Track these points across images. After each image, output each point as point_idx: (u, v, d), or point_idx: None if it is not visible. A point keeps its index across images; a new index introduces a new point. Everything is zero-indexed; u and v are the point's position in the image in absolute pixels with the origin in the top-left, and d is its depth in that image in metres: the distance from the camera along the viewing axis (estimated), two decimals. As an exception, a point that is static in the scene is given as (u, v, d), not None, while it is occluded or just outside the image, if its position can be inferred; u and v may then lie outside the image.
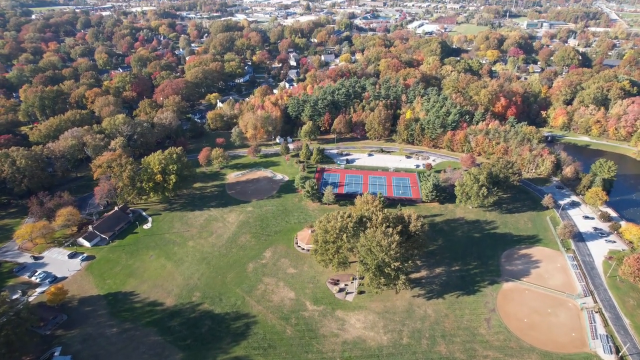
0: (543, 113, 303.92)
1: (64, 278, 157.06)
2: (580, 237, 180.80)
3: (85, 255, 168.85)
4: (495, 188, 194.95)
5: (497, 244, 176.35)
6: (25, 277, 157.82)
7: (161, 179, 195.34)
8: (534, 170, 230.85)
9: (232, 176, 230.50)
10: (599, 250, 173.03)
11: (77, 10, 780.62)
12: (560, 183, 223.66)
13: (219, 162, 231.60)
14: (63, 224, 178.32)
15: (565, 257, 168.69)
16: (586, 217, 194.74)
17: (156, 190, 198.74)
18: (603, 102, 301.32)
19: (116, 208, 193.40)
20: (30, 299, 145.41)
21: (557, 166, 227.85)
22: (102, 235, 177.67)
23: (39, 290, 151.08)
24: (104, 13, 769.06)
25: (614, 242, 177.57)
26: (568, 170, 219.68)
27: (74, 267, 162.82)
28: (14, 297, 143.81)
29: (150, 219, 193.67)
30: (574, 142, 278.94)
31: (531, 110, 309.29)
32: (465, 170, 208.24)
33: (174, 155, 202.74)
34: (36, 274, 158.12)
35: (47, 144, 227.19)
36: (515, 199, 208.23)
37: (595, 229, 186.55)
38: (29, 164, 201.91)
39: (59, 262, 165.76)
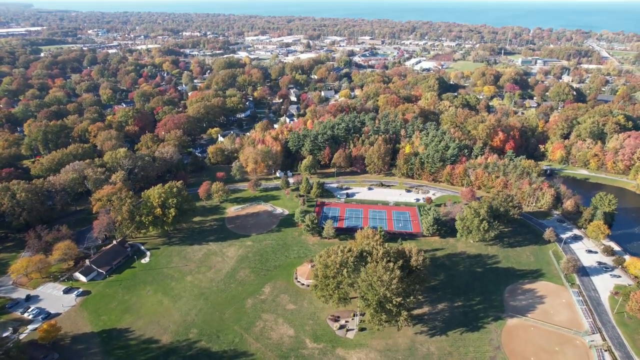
0: (541, 147, 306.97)
1: (58, 314, 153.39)
2: (584, 272, 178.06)
3: (80, 290, 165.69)
4: (496, 222, 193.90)
5: (500, 279, 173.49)
6: (17, 314, 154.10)
7: (161, 212, 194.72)
8: (534, 204, 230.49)
9: (231, 210, 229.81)
10: (604, 285, 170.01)
11: (84, 48, 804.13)
12: (561, 216, 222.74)
13: (219, 195, 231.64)
14: (60, 258, 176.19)
15: (570, 293, 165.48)
16: (589, 251, 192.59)
17: (155, 224, 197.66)
18: (599, 136, 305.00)
19: (114, 242, 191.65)
20: (22, 336, 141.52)
21: (558, 199, 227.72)
22: (99, 269, 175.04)
23: (30, 327, 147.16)
24: (110, 51, 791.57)
25: (619, 276, 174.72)
26: (568, 204, 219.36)
27: (68, 302, 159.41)
28: (4, 334, 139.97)
29: (148, 253, 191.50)
30: (573, 175, 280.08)
31: (529, 144, 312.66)
32: (466, 204, 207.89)
33: (174, 189, 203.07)
34: (29, 310, 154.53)
35: (48, 177, 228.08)
36: (516, 233, 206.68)
37: (599, 263, 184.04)
38: (29, 197, 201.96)
39: (54, 297, 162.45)
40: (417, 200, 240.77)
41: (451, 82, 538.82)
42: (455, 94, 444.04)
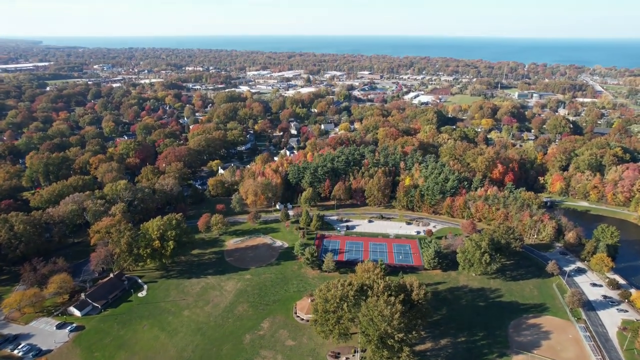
0: (540, 179, 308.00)
1: (49, 351, 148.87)
2: (590, 306, 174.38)
3: (74, 325, 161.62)
4: (498, 254, 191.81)
5: (504, 313, 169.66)
6: (7, 351, 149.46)
7: (159, 245, 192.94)
8: (535, 236, 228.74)
9: (231, 243, 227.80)
10: (611, 320, 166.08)
11: (89, 83, 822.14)
12: (563, 249, 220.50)
13: (218, 228, 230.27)
14: (55, 292, 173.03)
15: (577, 328, 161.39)
16: (594, 285, 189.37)
17: (153, 257, 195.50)
18: (598, 168, 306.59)
19: (111, 275, 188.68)
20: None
21: (559, 232, 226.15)
22: (94, 303, 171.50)
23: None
24: (114, 85, 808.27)
25: (626, 311, 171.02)
26: (570, 236, 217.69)
27: (61, 338, 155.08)
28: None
29: (145, 286, 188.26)
30: (574, 207, 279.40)
31: (528, 176, 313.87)
32: (467, 237, 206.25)
33: (173, 221, 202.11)
34: (19, 346, 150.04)
35: (47, 209, 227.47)
36: (518, 266, 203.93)
37: (605, 297, 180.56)
38: (27, 229, 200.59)
39: (46, 333, 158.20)
40: (418, 232, 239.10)
41: (449, 116, 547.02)
42: (454, 127, 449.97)
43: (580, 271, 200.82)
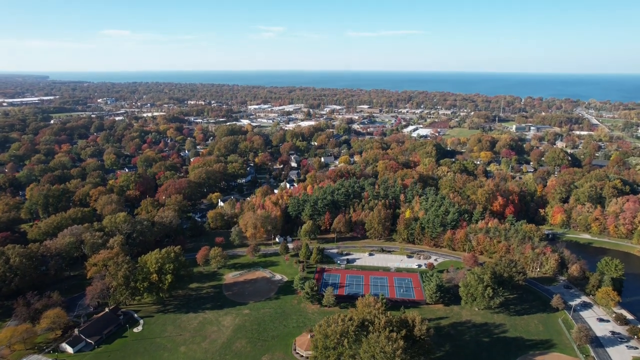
0: (541, 211, 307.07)
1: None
2: (598, 343, 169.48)
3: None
4: (501, 288, 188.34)
5: (510, 350, 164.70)
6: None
7: (157, 278, 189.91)
8: (538, 269, 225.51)
9: (229, 276, 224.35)
10: (621, 357, 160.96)
11: (92, 116, 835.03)
12: (567, 282, 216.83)
13: (217, 261, 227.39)
14: (47, 327, 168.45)
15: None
16: (601, 320, 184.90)
17: (151, 291, 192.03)
18: (598, 200, 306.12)
19: (107, 309, 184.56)
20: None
21: (562, 265, 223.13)
22: (87, 339, 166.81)
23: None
24: (117, 118, 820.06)
25: (636, 348, 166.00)
26: (574, 269, 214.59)
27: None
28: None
29: (141, 321, 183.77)
30: (576, 239, 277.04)
31: (529, 208, 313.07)
32: (469, 270, 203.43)
33: (172, 254, 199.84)
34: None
35: (44, 241, 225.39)
36: (522, 300, 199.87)
37: (613, 333, 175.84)
38: (23, 262, 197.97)
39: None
40: (419, 266, 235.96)
41: (448, 148, 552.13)
42: (453, 159, 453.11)
43: (585, 305, 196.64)
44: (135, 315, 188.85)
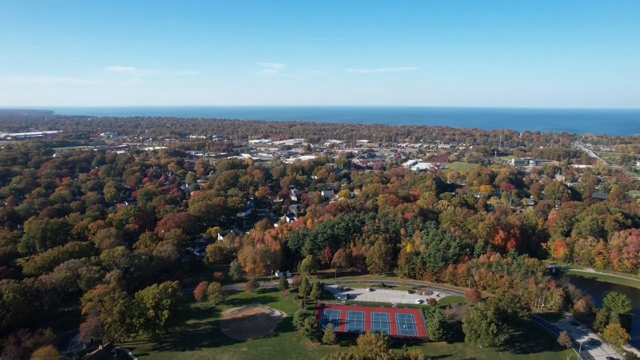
0: (543, 245, 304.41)
1: None
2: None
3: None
4: (505, 324, 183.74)
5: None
6: None
7: (153, 314, 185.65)
8: (543, 305, 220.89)
9: (227, 312, 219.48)
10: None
11: (94, 150, 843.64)
12: (573, 319, 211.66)
13: (215, 297, 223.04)
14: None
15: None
16: (611, 359, 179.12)
17: (147, 327, 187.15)
18: (601, 234, 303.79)
19: (100, 347, 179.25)
20: None
21: (567, 300, 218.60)
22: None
23: None
24: (119, 152, 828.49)
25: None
26: (580, 305, 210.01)
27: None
28: None
29: (136, 359, 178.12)
30: (580, 274, 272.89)
31: (530, 242, 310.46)
32: (472, 306, 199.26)
33: (169, 289, 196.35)
34: None
35: (40, 276, 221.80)
36: (528, 337, 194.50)
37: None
38: (17, 298, 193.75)
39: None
40: (421, 301, 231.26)
41: (448, 182, 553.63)
42: (453, 193, 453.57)
43: (594, 343, 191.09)
44: (130, 353, 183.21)
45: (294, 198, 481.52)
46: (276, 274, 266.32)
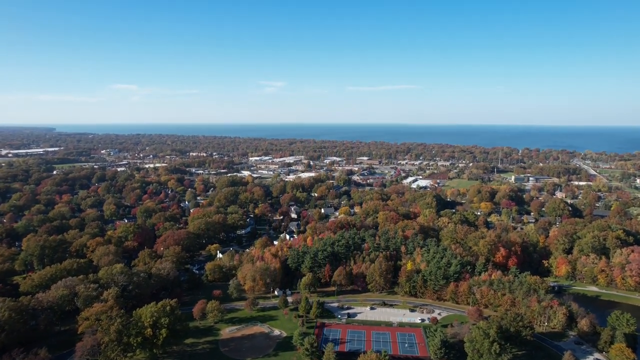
0: (544, 262, 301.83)
1: None
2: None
3: None
4: (508, 344, 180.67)
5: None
6: None
7: (151, 333, 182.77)
8: (546, 324, 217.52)
9: (226, 331, 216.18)
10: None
11: (95, 167, 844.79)
12: (577, 338, 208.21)
13: (214, 315, 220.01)
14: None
15: None
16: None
17: (144, 347, 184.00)
18: (602, 251, 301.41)
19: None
20: None
21: (571, 319, 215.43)
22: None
23: None
24: (119, 169, 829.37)
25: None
26: (584, 324, 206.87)
27: None
28: None
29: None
30: (583, 292, 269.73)
31: (532, 259, 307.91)
32: (474, 324, 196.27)
33: (168, 308, 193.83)
34: None
35: (37, 294, 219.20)
36: (531, 357, 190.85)
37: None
38: (12, 316, 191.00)
39: None
40: (422, 320, 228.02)
41: (448, 199, 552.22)
42: (453, 210, 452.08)
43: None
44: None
45: (294, 215, 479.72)
46: (276, 292, 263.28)
